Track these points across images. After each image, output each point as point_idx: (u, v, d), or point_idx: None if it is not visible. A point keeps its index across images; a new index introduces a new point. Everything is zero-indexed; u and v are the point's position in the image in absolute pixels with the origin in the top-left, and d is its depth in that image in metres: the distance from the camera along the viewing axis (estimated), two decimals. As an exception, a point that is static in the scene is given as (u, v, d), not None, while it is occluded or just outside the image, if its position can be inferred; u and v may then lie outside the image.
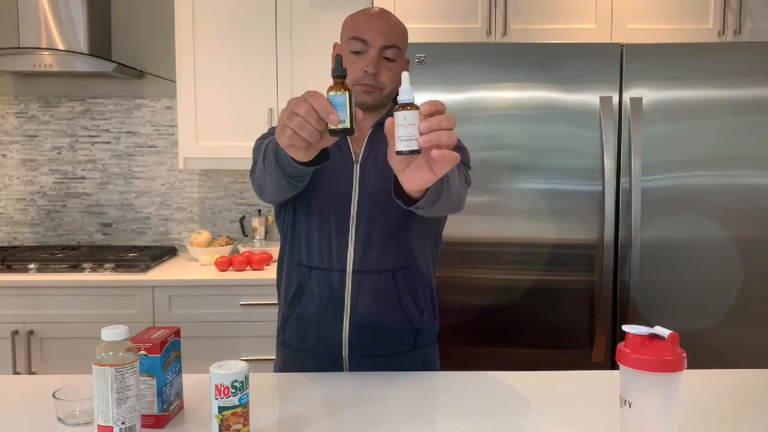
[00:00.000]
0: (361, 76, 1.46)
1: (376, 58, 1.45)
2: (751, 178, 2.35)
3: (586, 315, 2.37)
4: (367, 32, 1.46)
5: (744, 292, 2.37)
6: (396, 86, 1.52)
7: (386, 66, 1.47)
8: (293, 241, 1.56)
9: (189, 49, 2.72)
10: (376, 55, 1.46)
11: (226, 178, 3.13)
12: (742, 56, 2.31)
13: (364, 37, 1.46)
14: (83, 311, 2.50)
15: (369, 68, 1.45)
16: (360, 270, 1.49)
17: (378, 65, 1.46)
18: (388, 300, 1.50)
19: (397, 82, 1.51)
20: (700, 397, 1.32)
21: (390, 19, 1.49)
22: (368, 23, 1.46)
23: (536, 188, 2.34)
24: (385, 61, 1.47)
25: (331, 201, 1.50)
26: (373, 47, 1.45)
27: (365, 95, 1.48)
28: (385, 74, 1.47)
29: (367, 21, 1.47)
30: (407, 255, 1.53)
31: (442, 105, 1.06)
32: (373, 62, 1.45)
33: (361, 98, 1.49)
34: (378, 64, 1.46)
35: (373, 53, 1.45)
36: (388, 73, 1.48)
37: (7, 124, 3.07)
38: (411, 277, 1.53)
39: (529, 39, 2.51)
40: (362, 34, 1.46)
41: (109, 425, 1.07)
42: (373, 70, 1.45)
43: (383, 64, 1.47)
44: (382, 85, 1.48)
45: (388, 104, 1.57)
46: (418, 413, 1.25)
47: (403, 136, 1.02)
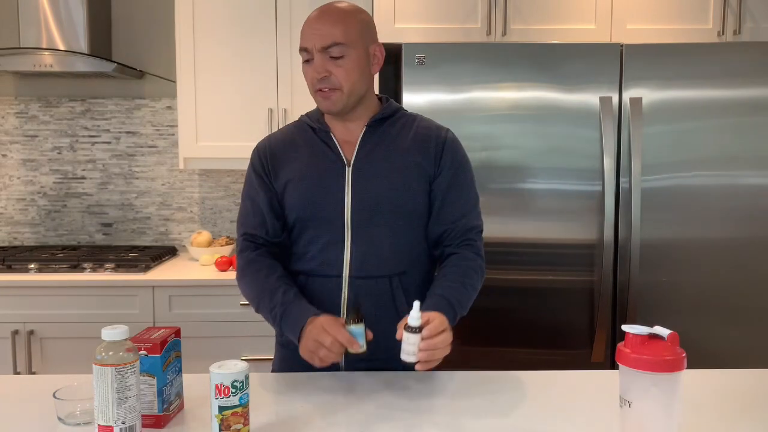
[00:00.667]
0: (315, 83, 1.47)
1: (320, 61, 1.44)
2: (751, 178, 2.35)
3: (586, 315, 2.37)
4: (306, 39, 1.46)
5: (744, 291, 2.37)
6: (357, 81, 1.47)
7: (336, 64, 1.45)
8: (288, 249, 1.56)
9: (189, 49, 2.72)
10: (320, 58, 1.44)
11: (226, 178, 3.13)
12: (741, 56, 2.31)
13: (304, 45, 1.47)
14: (83, 311, 2.50)
15: (315, 74, 1.45)
16: (357, 276, 1.48)
17: (324, 67, 1.44)
18: (384, 305, 1.49)
19: (356, 77, 1.47)
20: (700, 397, 1.32)
21: (327, 17, 1.45)
22: (307, 29, 1.46)
23: (536, 188, 2.34)
24: (332, 60, 1.45)
25: (324, 208, 1.49)
26: (314, 51, 1.45)
27: (326, 101, 1.48)
28: (337, 72, 1.45)
29: (306, 27, 1.47)
30: (404, 261, 1.52)
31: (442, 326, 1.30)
32: (318, 67, 1.45)
33: (324, 105, 1.49)
34: (323, 66, 1.44)
35: (316, 57, 1.45)
36: (340, 70, 1.45)
37: (7, 124, 3.07)
38: (408, 283, 1.52)
39: (529, 39, 2.51)
40: (303, 42, 1.47)
41: (109, 425, 1.07)
42: (319, 75, 1.44)
43: (332, 64, 1.45)
44: (338, 84, 1.45)
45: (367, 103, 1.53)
46: (417, 413, 1.25)
47: (406, 350, 1.27)
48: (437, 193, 1.53)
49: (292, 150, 1.55)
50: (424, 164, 1.51)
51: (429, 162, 1.52)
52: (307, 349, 1.32)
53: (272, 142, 1.58)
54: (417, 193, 1.51)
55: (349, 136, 1.53)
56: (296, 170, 1.52)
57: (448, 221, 1.53)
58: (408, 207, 1.51)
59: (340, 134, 1.54)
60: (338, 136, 1.54)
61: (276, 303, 1.43)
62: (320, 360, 1.31)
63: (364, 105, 1.54)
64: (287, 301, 1.43)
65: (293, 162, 1.53)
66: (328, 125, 1.55)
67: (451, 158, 1.54)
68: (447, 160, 1.53)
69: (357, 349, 1.27)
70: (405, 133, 1.54)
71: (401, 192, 1.49)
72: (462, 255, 1.52)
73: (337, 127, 1.55)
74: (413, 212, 1.52)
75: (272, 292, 1.45)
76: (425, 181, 1.52)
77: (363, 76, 1.49)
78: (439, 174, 1.52)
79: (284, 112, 2.73)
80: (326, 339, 1.29)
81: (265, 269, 1.50)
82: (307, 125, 1.58)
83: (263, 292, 1.47)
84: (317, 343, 1.30)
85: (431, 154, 1.52)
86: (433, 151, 1.52)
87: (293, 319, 1.40)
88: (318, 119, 1.56)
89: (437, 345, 1.27)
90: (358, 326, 1.28)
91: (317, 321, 1.34)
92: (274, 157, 1.55)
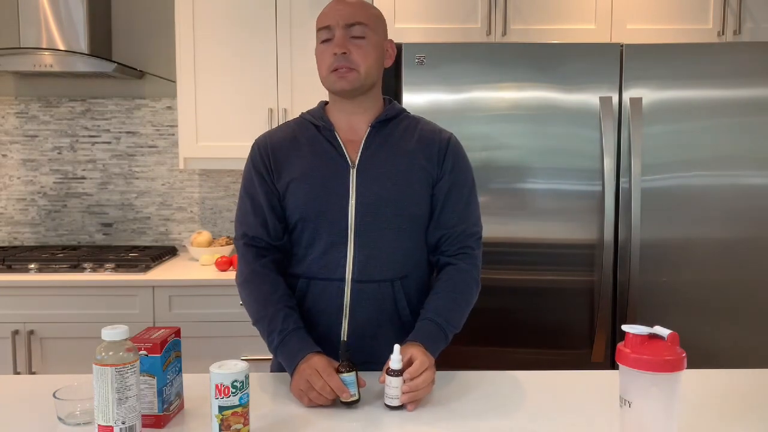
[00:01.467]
0: (332, 61, 1.45)
1: (342, 38, 1.45)
2: (751, 178, 2.35)
3: (586, 315, 2.37)
4: (328, 17, 1.47)
5: (744, 291, 2.37)
6: (372, 65, 1.48)
7: (355, 44, 1.46)
8: (290, 252, 1.54)
9: (189, 49, 2.72)
10: (342, 35, 1.45)
11: (226, 178, 3.13)
12: (741, 56, 2.31)
13: (327, 23, 1.47)
14: (83, 311, 2.50)
15: (336, 49, 1.44)
16: (359, 279, 1.47)
17: (345, 44, 1.45)
18: (386, 309, 1.49)
19: (372, 60, 1.48)
20: (700, 397, 1.32)
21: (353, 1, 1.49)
22: (329, 10, 1.48)
23: (536, 188, 2.34)
24: (353, 40, 1.46)
25: (326, 209, 1.47)
26: (337, 28, 1.45)
27: (341, 81, 1.46)
28: (356, 52, 1.45)
29: (328, 9, 1.49)
30: (406, 265, 1.51)
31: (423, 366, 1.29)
32: (339, 42, 1.44)
33: (338, 85, 1.46)
34: (345, 43, 1.45)
35: (338, 33, 1.45)
36: (359, 50, 1.46)
37: (7, 124, 3.07)
38: (410, 287, 1.51)
39: (529, 39, 2.51)
40: (324, 21, 1.47)
41: (109, 425, 1.07)
42: (340, 50, 1.44)
43: (352, 43, 1.45)
44: (355, 64, 1.45)
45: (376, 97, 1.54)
46: (416, 413, 1.25)
47: (389, 394, 1.27)
48: (438, 196, 1.52)
49: (294, 148, 1.52)
50: (428, 167, 1.50)
51: (432, 165, 1.51)
52: (298, 387, 1.30)
53: (273, 139, 1.54)
54: (420, 196, 1.50)
55: (353, 135, 1.52)
56: (299, 169, 1.49)
57: (446, 226, 1.52)
58: (412, 210, 1.50)
59: (344, 133, 1.52)
60: (342, 135, 1.52)
61: (275, 328, 1.40)
62: (309, 401, 1.29)
63: (372, 97, 1.53)
64: (286, 329, 1.39)
65: (296, 160, 1.50)
66: (332, 123, 1.52)
67: (452, 162, 1.53)
68: (449, 164, 1.52)
69: (348, 397, 1.27)
70: (408, 135, 1.53)
71: (405, 195, 1.48)
72: (458, 267, 1.51)
73: (341, 125, 1.53)
74: (416, 215, 1.51)
75: (273, 315, 1.42)
76: (428, 184, 1.51)
77: (377, 64, 1.50)
78: (441, 178, 1.52)
79: (284, 112, 2.73)
80: (317, 383, 1.27)
81: (267, 285, 1.46)
82: (309, 123, 1.55)
83: (264, 311, 1.43)
84: (309, 385, 1.28)
85: (434, 158, 1.51)
86: (436, 155, 1.52)
87: (290, 351, 1.37)
88: (321, 117, 1.53)
89: (419, 386, 1.27)
90: (350, 375, 1.27)
91: (312, 362, 1.30)
92: (276, 154, 1.52)
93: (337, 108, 1.53)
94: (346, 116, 1.53)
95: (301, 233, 1.50)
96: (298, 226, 1.50)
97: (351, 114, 1.52)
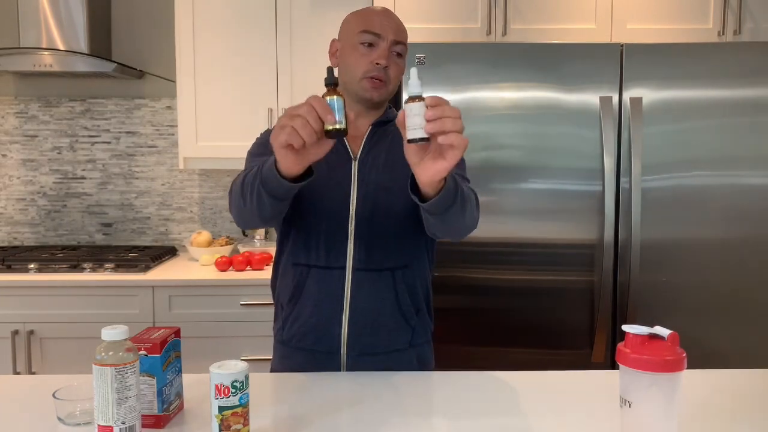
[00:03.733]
0: (370, 69, 1.46)
1: (387, 50, 1.47)
2: (751, 178, 2.35)
3: (586, 315, 2.37)
4: (379, 26, 1.47)
5: (744, 291, 2.37)
6: (397, 83, 1.53)
7: (395, 61, 1.49)
8: (290, 241, 1.55)
9: (189, 49, 2.72)
10: (388, 48, 1.47)
11: (226, 178, 3.13)
12: (742, 56, 2.31)
13: (376, 30, 1.46)
14: (83, 311, 2.50)
15: (381, 60, 1.45)
16: (360, 268, 1.49)
17: (389, 58, 1.47)
18: (386, 298, 1.50)
19: (398, 80, 1.52)
20: (700, 397, 1.32)
21: (397, 18, 1.52)
22: (379, 18, 1.48)
23: (536, 188, 2.34)
24: (394, 56, 1.48)
25: (329, 199, 1.50)
26: (385, 40, 1.46)
27: (372, 91, 1.48)
28: (393, 69, 1.48)
29: (377, 16, 1.48)
30: (407, 254, 1.53)
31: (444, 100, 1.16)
32: (385, 54, 1.46)
33: (368, 94, 1.48)
34: (389, 56, 1.47)
35: (385, 46, 1.46)
36: (396, 68, 1.49)
37: (7, 124, 3.07)
38: (410, 277, 1.53)
39: (529, 39, 2.51)
40: (374, 27, 1.47)
41: (109, 425, 1.07)
42: (385, 63, 1.46)
43: (392, 59, 1.48)
44: (389, 79, 1.48)
45: (386, 104, 1.58)
46: (416, 413, 1.25)
47: (411, 125, 1.10)
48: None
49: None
50: None
51: None
52: (279, 124, 1.17)
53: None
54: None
55: (356, 131, 1.54)
56: None
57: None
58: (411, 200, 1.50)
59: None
60: None
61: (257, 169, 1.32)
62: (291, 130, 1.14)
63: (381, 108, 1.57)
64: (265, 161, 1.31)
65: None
66: None
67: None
68: None
69: (333, 122, 1.11)
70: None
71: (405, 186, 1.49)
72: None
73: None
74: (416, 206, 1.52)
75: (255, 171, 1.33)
76: None
77: (398, 83, 1.54)
78: None
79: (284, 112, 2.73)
80: (302, 107, 1.14)
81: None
82: None
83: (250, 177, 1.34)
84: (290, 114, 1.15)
85: None
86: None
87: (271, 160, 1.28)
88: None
89: (446, 112, 1.12)
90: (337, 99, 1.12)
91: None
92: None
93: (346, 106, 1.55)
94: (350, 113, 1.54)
95: (303, 222, 1.52)
96: (300, 214, 1.52)
97: (357, 115, 1.55)
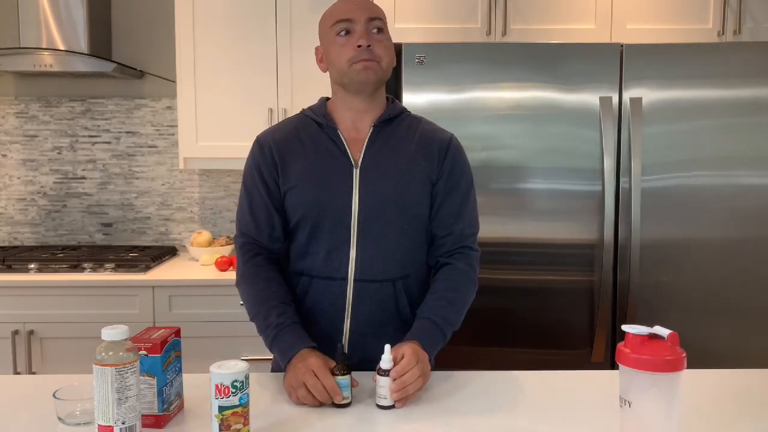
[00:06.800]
0: (355, 54, 1.43)
1: (365, 31, 1.44)
2: (751, 178, 2.35)
3: (586, 315, 2.37)
4: (348, 11, 1.45)
5: (744, 291, 2.37)
6: (390, 61, 1.49)
7: (376, 38, 1.46)
8: (292, 249, 1.54)
9: (189, 49, 2.72)
10: (365, 29, 1.44)
11: (226, 178, 3.13)
12: (742, 56, 2.31)
13: (347, 16, 1.45)
14: (83, 311, 2.50)
15: (362, 41, 1.43)
16: (361, 279, 1.47)
17: (369, 38, 1.44)
18: (387, 308, 1.49)
19: (390, 55, 1.49)
20: (700, 397, 1.32)
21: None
22: (346, 4, 1.46)
23: (536, 188, 2.34)
24: (374, 34, 1.46)
25: (330, 209, 1.46)
26: (359, 22, 1.44)
27: (366, 72, 1.44)
28: (377, 46, 1.45)
29: (343, 3, 1.47)
30: (409, 264, 1.51)
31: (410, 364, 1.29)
32: (364, 35, 1.43)
33: (363, 76, 1.44)
34: (369, 36, 1.44)
35: (361, 27, 1.44)
36: (380, 44, 1.46)
37: (7, 124, 3.07)
38: (411, 286, 1.51)
39: (529, 39, 2.51)
40: (345, 14, 1.45)
41: (109, 425, 1.07)
42: (366, 41, 1.43)
43: (373, 37, 1.45)
44: (378, 57, 1.45)
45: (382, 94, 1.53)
46: (416, 413, 1.25)
47: (380, 394, 1.28)
48: (436, 196, 1.52)
49: (298, 146, 1.51)
50: (428, 168, 1.50)
51: (432, 165, 1.51)
52: (290, 383, 1.30)
53: (276, 137, 1.53)
54: (421, 196, 1.50)
55: (356, 134, 1.51)
56: (302, 168, 1.48)
57: (444, 225, 1.52)
58: (413, 209, 1.50)
59: (346, 132, 1.51)
60: (345, 133, 1.51)
61: (270, 324, 1.41)
62: (297, 399, 1.29)
63: (380, 95, 1.53)
64: (281, 324, 1.40)
65: (299, 159, 1.49)
66: (335, 121, 1.52)
67: (452, 163, 1.53)
68: (448, 165, 1.52)
69: (340, 400, 1.26)
70: (410, 135, 1.53)
71: (407, 194, 1.48)
72: (455, 267, 1.51)
73: (344, 123, 1.52)
74: (418, 215, 1.51)
75: (268, 310, 1.42)
76: (429, 183, 1.51)
77: (392, 60, 1.51)
78: (440, 177, 1.52)
79: (284, 112, 2.73)
80: (310, 380, 1.27)
81: (261, 281, 1.47)
82: (311, 120, 1.53)
83: (259, 307, 1.44)
84: (300, 382, 1.28)
85: (434, 158, 1.51)
86: (436, 155, 1.52)
87: (284, 345, 1.38)
88: (324, 114, 1.52)
89: (406, 382, 1.26)
90: (345, 378, 1.27)
91: (309, 361, 1.30)
92: (280, 153, 1.50)
93: (343, 105, 1.52)
94: (350, 114, 1.52)
95: (303, 232, 1.50)
96: (300, 224, 1.50)
97: (356, 112, 1.51)
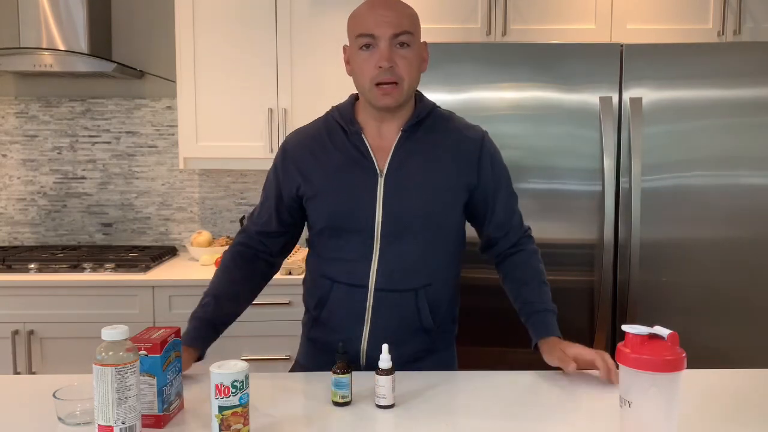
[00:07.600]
0: (375, 74, 1.39)
1: (387, 50, 1.38)
2: (751, 178, 2.34)
3: (586, 315, 2.37)
4: (373, 25, 1.39)
5: (744, 291, 2.37)
6: (415, 76, 1.44)
7: (401, 55, 1.40)
8: (317, 251, 1.53)
9: (189, 49, 2.72)
10: (388, 47, 1.38)
11: (226, 178, 3.13)
12: (742, 56, 2.31)
13: (370, 30, 1.39)
14: (83, 311, 2.50)
15: (383, 63, 1.38)
16: (382, 288, 1.45)
17: (391, 57, 1.39)
18: (407, 317, 1.48)
19: (415, 71, 1.43)
20: (700, 397, 1.32)
21: (396, 5, 1.42)
22: (372, 15, 1.40)
23: (536, 188, 2.34)
24: (398, 49, 1.40)
25: (354, 218, 1.44)
26: (383, 39, 1.38)
27: (384, 98, 1.40)
28: (401, 64, 1.40)
29: (370, 13, 1.40)
30: (431, 274, 1.49)
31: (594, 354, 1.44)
32: (386, 55, 1.38)
33: (382, 102, 1.41)
34: (391, 55, 1.39)
35: (385, 45, 1.38)
36: (404, 62, 1.40)
37: (7, 124, 3.07)
38: (432, 294, 1.49)
39: (529, 39, 2.51)
40: (368, 28, 1.39)
41: (109, 425, 1.07)
42: (387, 63, 1.38)
43: (397, 54, 1.39)
44: (400, 78, 1.40)
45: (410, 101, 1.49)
46: (417, 413, 1.25)
47: (379, 393, 1.26)
48: (485, 199, 1.53)
49: (323, 152, 1.48)
50: (462, 174, 1.48)
51: (467, 170, 1.48)
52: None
53: (302, 144, 1.51)
54: (450, 207, 1.48)
55: (383, 141, 1.47)
56: (327, 177, 1.46)
57: (504, 223, 1.57)
58: (439, 221, 1.47)
59: (373, 139, 1.47)
60: (371, 140, 1.47)
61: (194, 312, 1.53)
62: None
63: (407, 104, 1.48)
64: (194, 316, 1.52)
65: (323, 166, 1.47)
66: (361, 126, 1.47)
67: (490, 162, 1.52)
68: (487, 166, 1.51)
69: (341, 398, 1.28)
70: (440, 140, 1.48)
71: (433, 206, 1.46)
72: (528, 251, 1.62)
73: (370, 129, 1.48)
74: (444, 226, 1.49)
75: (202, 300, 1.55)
76: (461, 191, 1.49)
77: (419, 72, 1.47)
78: (480, 182, 1.50)
79: (284, 112, 2.73)
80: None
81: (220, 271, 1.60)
82: (338, 125, 1.50)
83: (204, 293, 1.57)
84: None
85: (469, 164, 1.49)
86: (471, 159, 1.49)
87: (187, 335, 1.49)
88: (351, 119, 1.48)
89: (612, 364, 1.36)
90: (345, 377, 1.27)
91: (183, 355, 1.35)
92: (303, 160, 1.49)
93: (369, 113, 1.48)
94: (377, 122, 1.48)
95: (327, 239, 1.49)
96: (324, 232, 1.49)
97: (383, 121, 1.48)
